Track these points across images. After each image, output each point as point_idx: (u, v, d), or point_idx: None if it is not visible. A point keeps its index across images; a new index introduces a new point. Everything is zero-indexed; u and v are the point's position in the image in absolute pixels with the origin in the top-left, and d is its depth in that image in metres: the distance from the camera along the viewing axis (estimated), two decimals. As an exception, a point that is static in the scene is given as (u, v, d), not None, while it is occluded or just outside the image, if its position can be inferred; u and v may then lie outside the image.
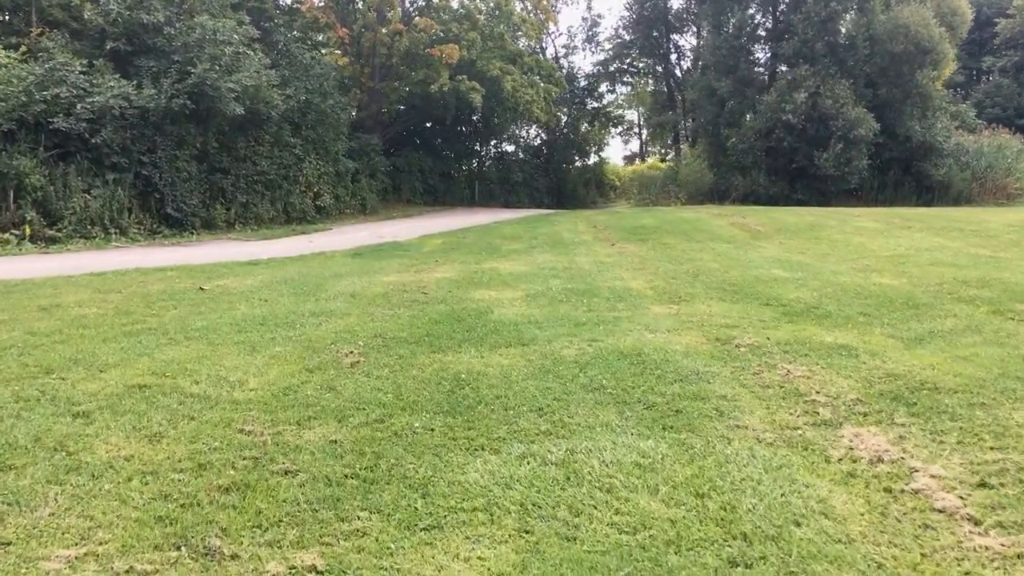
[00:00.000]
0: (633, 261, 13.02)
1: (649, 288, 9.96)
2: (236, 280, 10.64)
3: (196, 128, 19.40)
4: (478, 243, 16.61)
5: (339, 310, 8.35)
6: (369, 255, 14.59)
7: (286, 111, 22.09)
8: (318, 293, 9.49)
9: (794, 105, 29.48)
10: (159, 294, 9.32)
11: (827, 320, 7.73)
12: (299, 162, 23.37)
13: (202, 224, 19.56)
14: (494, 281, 10.57)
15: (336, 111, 24.85)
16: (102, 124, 17.17)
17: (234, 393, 5.27)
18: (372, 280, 10.65)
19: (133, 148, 17.93)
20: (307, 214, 23.43)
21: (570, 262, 12.85)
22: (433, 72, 28.45)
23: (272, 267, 12.46)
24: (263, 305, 8.68)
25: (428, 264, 12.78)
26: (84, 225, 16.45)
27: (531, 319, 7.87)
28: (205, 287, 9.86)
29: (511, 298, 9.19)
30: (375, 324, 7.59)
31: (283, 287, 9.96)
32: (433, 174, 33.73)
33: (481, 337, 7.00)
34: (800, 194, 30.40)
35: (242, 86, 19.29)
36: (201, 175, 19.84)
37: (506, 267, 12.24)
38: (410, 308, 8.50)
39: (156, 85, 18.26)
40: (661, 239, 16.42)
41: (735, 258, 13.02)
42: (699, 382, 5.53)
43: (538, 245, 15.98)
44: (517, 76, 30.79)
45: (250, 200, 21.32)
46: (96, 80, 17.43)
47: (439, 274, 11.41)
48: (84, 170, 17.01)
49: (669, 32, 43.37)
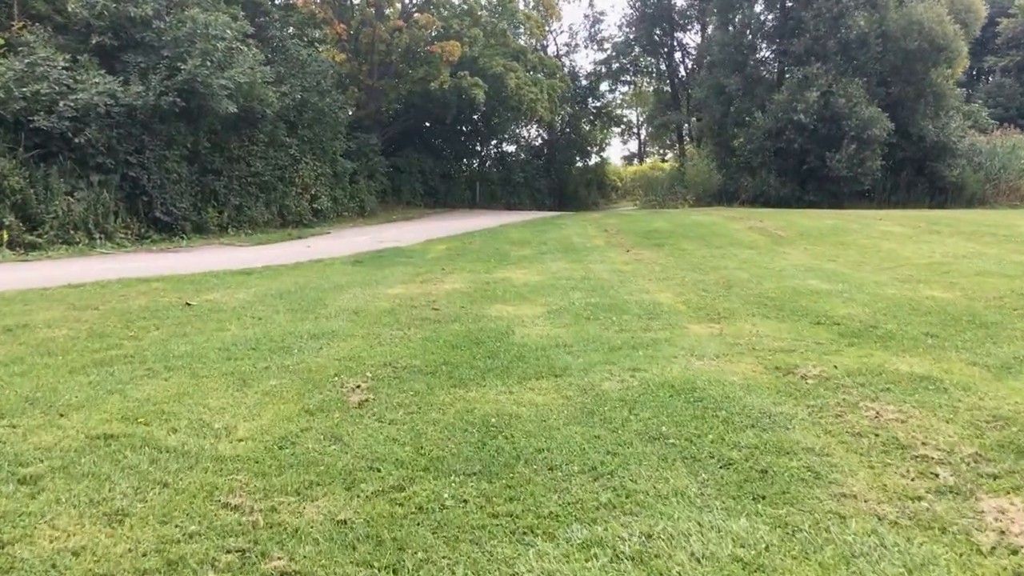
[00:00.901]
0: (653, 270, 12.13)
1: (681, 302, 9.06)
2: (227, 293, 9.72)
3: (187, 127, 18.45)
4: (485, 249, 15.71)
5: (342, 331, 7.43)
6: (370, 263, 13.69)
7: (281, 109, 21.16)
8: (317, 309, 8.58)
9: (806, 104, 28.59)
10: (140, 311, 8.39)
11: (892, 343, 6.85)
12: (295, 163, 22.42)
13: (193, 228, 18.61)
14: (509, 294, 9.67)
15: (334, 110, 23.88)
16: (86, 123, 16.21)
17: (219, 445, 4.35)
18: (376, 293, 9.74)
19: (119, 148, 16.96)
20: (304, 217, 22.48)
21: (586, 271, 11.97)
22: (434, 70, 27.51)
23: (266, 277, 11.54)
24: (256, 324, 7.75)
25: (435, 273, 11.87)
26: (67, 230, 15.49)
27: (559, 341, 6.98)
28: (192, 302, 8.93)
29: (532, 315, 8.30)
30: (384, 349, 6.67)
31: (278, 302, 9.04)
32: (434, 175, 32.77)
33: (506, 365, 6.10)
34: (811, 196, 29.52)
35: (235, 83, 18.36)
36: (192, 176, 18.88)
37: (519, 276, 11.34)
38: (421, 328, 7.59)
39: (144, 81, 17.30)
40: (678, 245, 15.54)
41: (764, 266, 12.14)
42: (775, 428, 4.64)
43: (549, 251, 15.08)
44: (520, 73, 29.86)
45: (244, 203, 20.37)
46: (80, 76, 16.46)
47: (448, 285, 10.50)
48: (67, 171, 16.04)
49: (673, 30, 42.47)
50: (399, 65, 29.16)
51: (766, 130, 29.97)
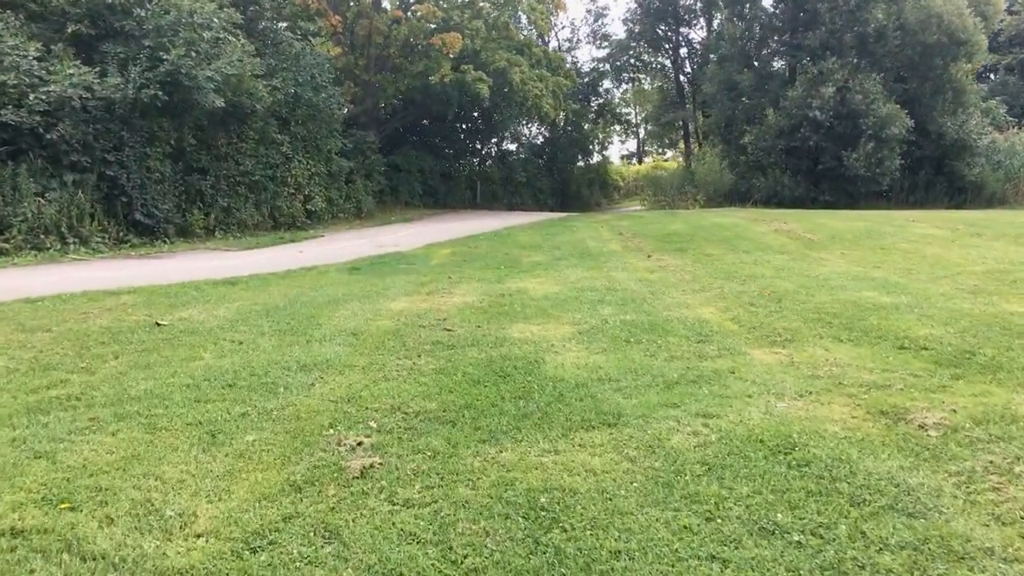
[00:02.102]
0: (683, 278, 10.91)
1: (729, 319, 7.85)
2: (205, 309, 8.47)
3: (170, 122, 17.15)
4: (493, 254, 14.47)
5: (338, 359, 6.20)
6: (369, 270, 12.44)
7: (273, 104, 19.87)
8: (310, 330, 7.34)
9: (821, 100, 27.38)
10: (100, 333, 7.14)
11: (1002, 375, 5.65)
12: (287, 161, 21.11)
13: (177, 231, 17.31)
14: (529, 309, 8.44)
15: (329, 105, 22.54)
16: (59, 117, 14.91)
17: (168, 550, 3.12)
18: (377, 308, 8.50)
19: (96, 145, 15.65)
20: (296, 219, 21.18)
21: (609, 280, 10.74)
22: (434, 63, 26.22)
23: (253, 288, 10.28)
24: (235, 351, 6.52)
25: (441, 283, 10.62)
26: (36, 234, 14.20)
27: (601, 373, 5.77)
28: (163, 321, 7.69)
29: (560, 337, 7.08)
30: (390, 386, 5.44)
31: (264, 321, 7.79)
32: (433, 174, 31.43)
33: (544, 409, 4.88)
34: (827, 196, 28.31)
35: (223, 75, 17.07)
36: (176, 176, 17.57)
37: (536, 287, 10.11)
38: (433, 355, 6.36)
39: (123, 73, 16.00)
40: (702, 249, 14.31)
41: (805, 274, 10.93)
42: (924, 512, 3.44)
43: (563, 257, 13.85)
44: (525, 68, 28.56)
45: (232, 204, 19.06)
46: (54, 67, 15.18)
47: (459, 298, 9.27)
48: (38, 170, 14.73)
49: (678, 25, 41.25)
50: (397, 59, 27.88)
51: (779, 128, 28.76)
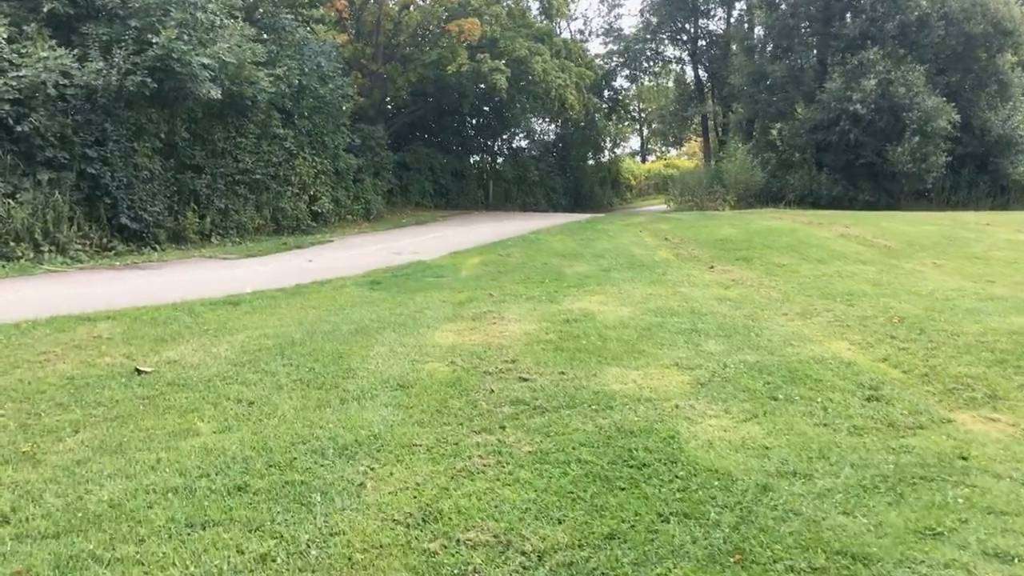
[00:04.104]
0: (770, 296, 9.08)
1: (881, 361, 6.04)
2: (201, 346, 6.59)
3: (160, 114, 15.21)
4: (530, 264, 12.61)
5: (390, 433, 4.35)
6: (393, 285, 10.56)
7: (275, 96, 17.95)
8: (341, 380, 5.47)
9: (863, 93, 25.52)
10: (60, 387, 5.27)
11: None
12: (291, 158, 19.14)
13: (168, 236, 15.38)
14: (611, 342, 6.59)
15: (337, 98, 20.64)
16: (32, 107, 12.97)
17: None
18: (421, 343, 6.64)
19: (75, 139, 13.70)
20: (301, 222, 19.23)
21: (683, 298, 8.89)
22: (448, 52, 24.29)
23: (259, 312, 8.40)
24: (244, 419, 4.66)
25: (483, 303, 8.75)
26: (5, 241, 12.25)
27: (776, 462, 3.98)
28: (145, 367, 5.82)
29: (677, 390, 5.25)
30: (479, 490, 3.61)
31: (278, 364, 5.93)
32: (444, 173, 29.39)
33: (738, 544, 3.05)
34: (866, 195, 26.45)
35: (220, 62, 15.16)
36: (167, 174, 15.63)
37: (600, 308, 8.26)
38: (522, 426, 4.51)
39: (107, 57, 14.09)
40: (768, 258, 12.47)
41: (913, 291, 9.12)
42: None
43: (612, 268, 11.98)
44: (548, 57, 26.63)
45: (230, 205, 17.11)
46: (26, 49, 13.27)
47: (515, 325, 7.41)
48: (7, 167, 12.77)
49: (696, 17, 39.30)
50: (407, 48, 25.97)
51: (815, 122, 26.92)
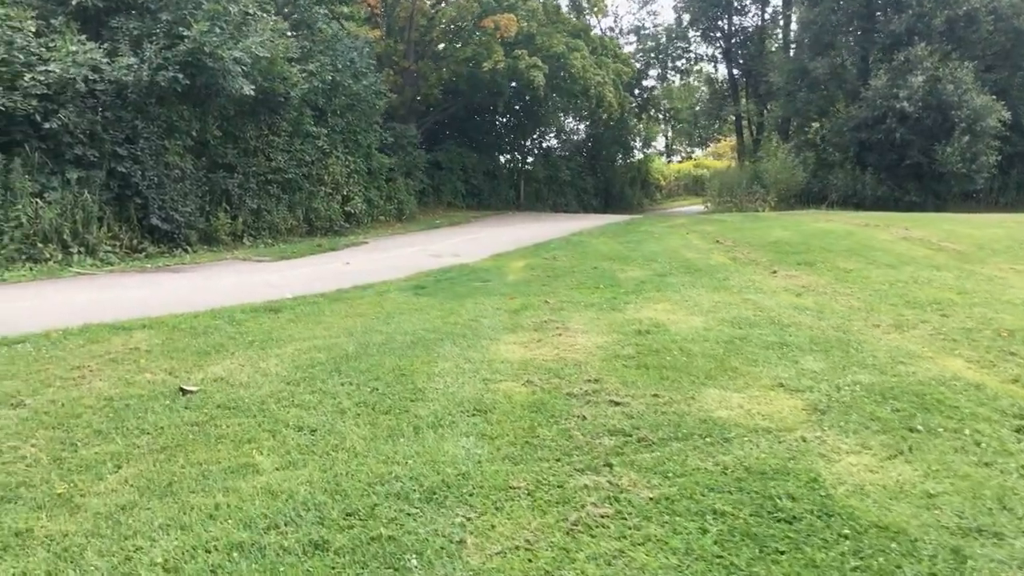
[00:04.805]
0: (851, 305, 8.35)
1: (1014, 383, 5.33)
2: (248, 359, 5.99)
3: (191, 111, 14.72)
4: (579, 268, 11.95)
5: (478, 471, 3.71)
6: (438, 290, 9.93)
7: (308, 92, 17.41)
8: (410, 403, 4.84)
9: (909, 91, 24.65)
10: (98, 411, 4.68)
11: None
12: (324, 157, 18.61)
13: (200, 237, 14.87)
14: (696, 357, 5.92)
15: (370, 95, 20.08)
16: (61, 103, 12.50)
17: None
18: (488, 359, 5.99)
19: (105, 136, 13.21)
20: (334, 223, 18.68)
21: (756, 307, 8.18)
22: (484, 48, 23.67)
23: (303, 320, 7.80)
24: (308, 451, 4.03)
25: (541, 311, 8.10)
26: (33, 243, 11.78)
27: (951, 515, 3.29)
28: (190, 386, 5.21)
29: (792, 417, 4.58)
30: (604, 552, 2.96)
31: (336, 382, 5.30)
32: (476, 172, 28.82)
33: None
34: (912, 196, 25.57)
35: (252, 56, 14.64)
36: (198, 173, 15.13)
37: (669, 317, 7.57)
38: (631, 463, 3.86)
39: (137, 52, 13.60)
40: (832, 263, 11.73)
41: (1003, 299, 8.36)
42: None
43: (667, 272, 11.28)
44: (586, 53, 25.96)
45: (262, 205, 16.59)
46: (54, 43, 12.78)
47: (583, 337, 6.75)
48: (35, 166, 12.31)
49: (731, 14, 38.48)
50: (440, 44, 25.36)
51: (858, 120, 26.07)
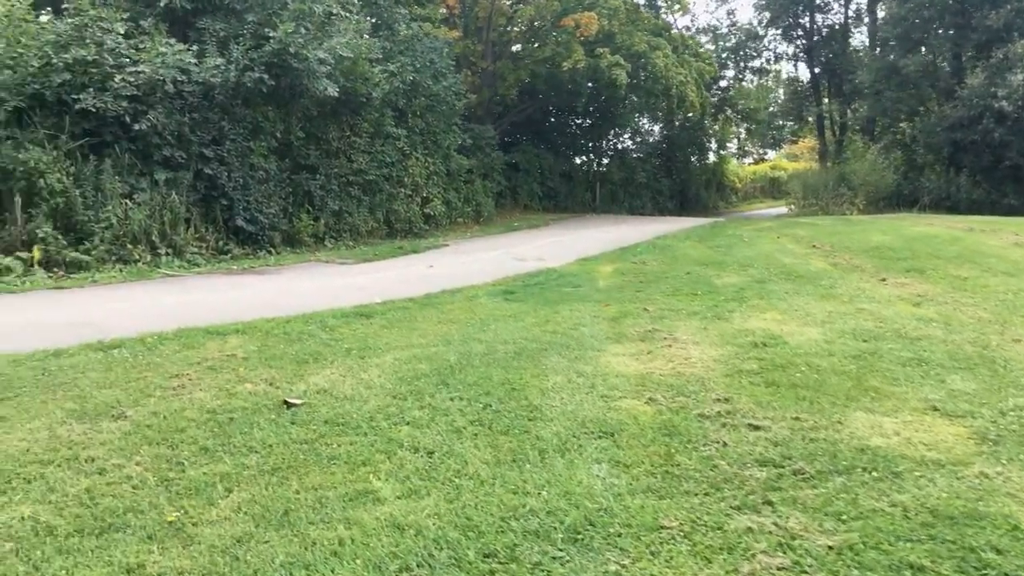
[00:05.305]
0: (982, 316, 7.66)
1: None
2: (348, 369, 5.71)
3: (276, 112, 14.70)
4: (672, 274, 11.44)
5: (622, 513, 3.31)
6: (529, 295, 9.56)
7: (388, 93, 17.27)
8: (529, 426, 4.46)
9: (1008, 89, 23.40)
10: (201, 425, 4.42)
11: None
12: (404, 158, 18.46)
13: (283, 239, 14.82)
14: (828, 375, 5.40)
15: (450, 95, 19.90)
16: (150, 104, 12.54)
17: None
18: (599, 371, 5.58)
19: (192, 137, 13.24)
20: (414, 225, 18.52)
21: (874, 318, 7.57)
22: (563, 48, 23.31)
23: (395, 324, 7.50)
24: (429, 478, 3.68)
25: (641, 319, 7.64)
26: (123, 243, 11.82)
27: None
28: (294, 397, 4.94)
29: (958, 445, 4.08)
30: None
31: (445, 396, 4.96)
32: (553, 174, 28.49)
33: None
34: (1011, 199, 24.26)
35: (336, 56, 14.52)
36: (282, 174, 15.09)
37: (783, 329, 7.02)
38: (789, 502, 3.41)
39: (224, 53, 13.61)
40: (943, 270, 10.97)
41: None
42: None
43: (766, 279, 10.69)
44: (668, 52, 25.40)
45: (344, 207, 16.48)
46: (143, 45, 12.84)
47: (696, 350, 6.29)
48: (124, 167, 12.37)
49: (813, 11, 37.33)
50: (518, 44, 25.07)
51: (953, 120, 24.89)
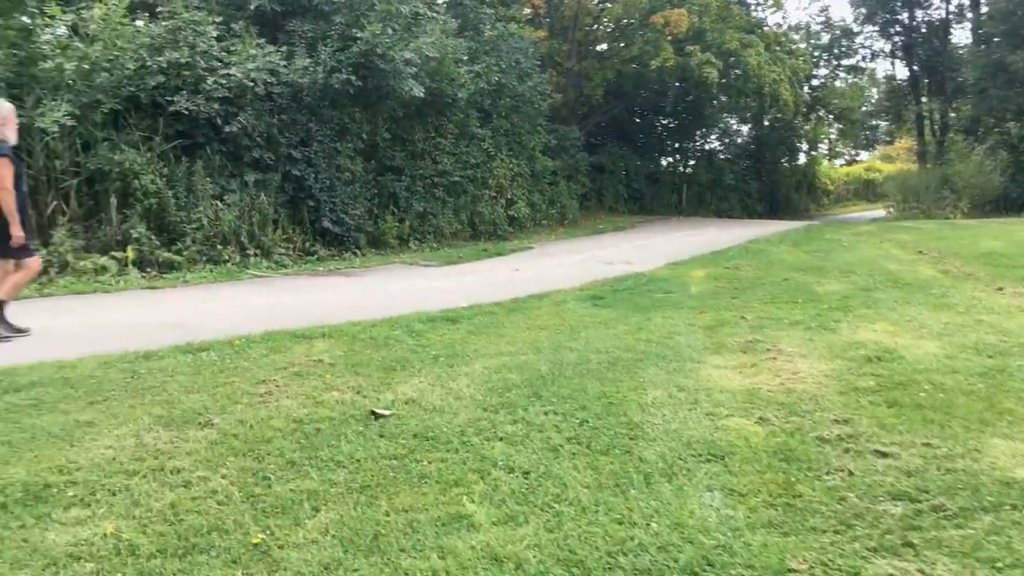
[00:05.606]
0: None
1: None
2: (436, 378, 5.47)
3: (362, 113, 14.69)
4: (768, 280, 10.90)
5: (743, 552, 2.94)
6: (618, 301, 9.19)
7: (473, 94, 17.12)
8: (630, 445, 4.11)
9: None
10: (287, 436, 4.23)
11: None
12: (489, 160, 18.32)
13: (368, 241, 14.79)
14: (954, 395, 4.88)
15: (535, 96, 19.67)
16: (240, 106, 12.64)
17: None
18: (701, 386, 5.19)
19: (281, 139, 13.30)
20: (498, 227, 18.34)
21: (996, 331, 6.92)
22: (651, 46, 22.82)
23: (482, 329, 7.25)
24: (526, 504, 3.38)
25: (739, 328, 7.19)
26: (212, 244, 11.94)
27: None
28: (381, 408, 4.72)
29: None
30: None
31: (538, 411, 4.66)
32: (639, 176, 28.02)
33: None
34: None
35: (422, 57, 14.43)
36: (367, 176, 15.06)
37: (897, 342, 6.46)
38: (934, 545, 2.98)
39: (312, 54, 13.65)
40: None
41: None
42: None
43: (871, 287, 10.05)
44: (761, 49, 24.64)
45: (428, 209, 16.39)
46: (234, 47, 12.96)
47: (804, 364, 5.84)
48: (215, 168, 12.51)
49: (912, 7, 35.73)
50: (604, 43, 24.64)
51: (1068, 119, 23.50)
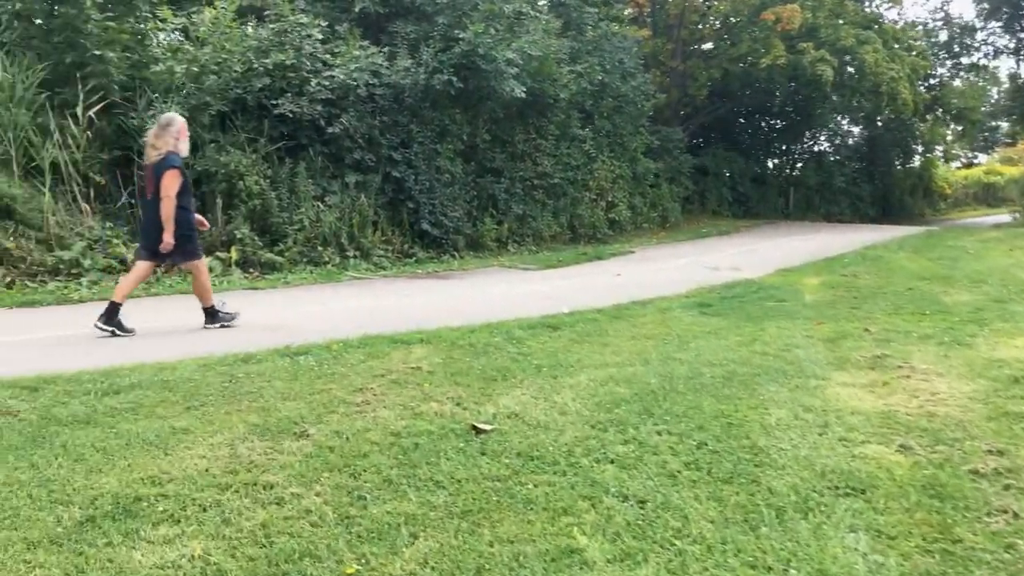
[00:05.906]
0: None
1: None
2: (540, 391, 5.16)
3: (463, 115, 14.55)
4: (889, 288, 10.20)
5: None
6: (727, 309, 8.69)
7: (575, 94, 16.79)
8: (756, 473, 3.71)
9: None
10: (384, 451, 4.01)
11: None
12: (589, 161, 17.96)
13: (466, 243, 14.64)
14: None
15: (638, 96, 19.22)
16: (343, 107, 12.67)
17: None
18: (829, 406, 4.72)
19: (382, 140, 13.27)
20: (598, 230, 17.94)
21: None
22: (760, 44, 22.03)
23: (585, 339, 6.91)
24: (644, 541, 3.00)
25: (863, 341, 6.62)
26: (314, 245, 11.98)
27: None
28: (482, 422, 4.45)
29: None
30: None
31: (650, 430, 4.29)
32: (744, 179, 27.16)
33: None
34: None
35: (524, 57, 14.19)
36: (467, 178, 14.92)
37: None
38: None
39: (414, 56, 13.59)
40: None
41: None
42: None
43: (1006, 298, 9.23)
44: (879, 46, 23.49)
45: (527, 211, 16.13)
46: (338, 49, 13.01)
47: (943, 383, 5.29)
48: (317, 170, 12.58)
49: (1039, 1, 33.53)
50: (710, 41, 23.94)
51: None
